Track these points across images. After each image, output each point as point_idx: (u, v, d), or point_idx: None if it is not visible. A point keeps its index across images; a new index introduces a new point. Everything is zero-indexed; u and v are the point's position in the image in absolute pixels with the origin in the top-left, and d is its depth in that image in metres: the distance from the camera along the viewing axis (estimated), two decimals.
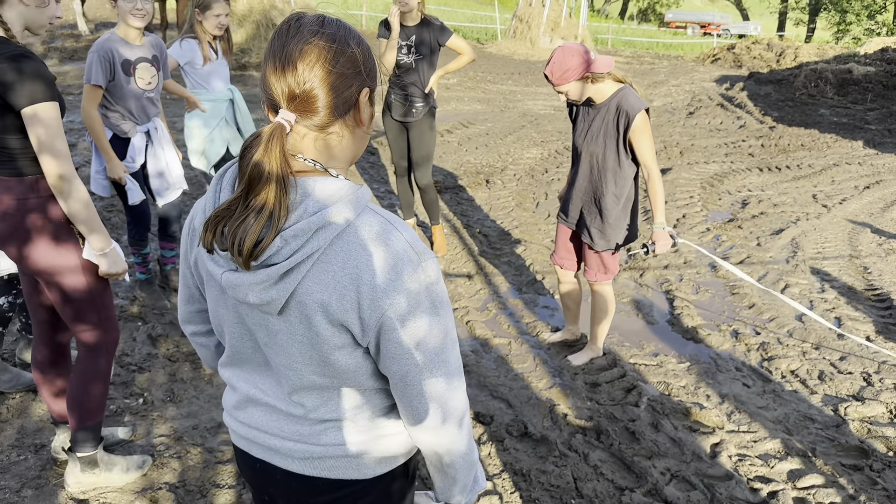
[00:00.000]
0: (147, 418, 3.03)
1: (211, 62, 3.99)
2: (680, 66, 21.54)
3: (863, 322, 4.36)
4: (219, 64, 4.06)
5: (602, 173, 3.25)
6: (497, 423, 3.14)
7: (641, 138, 3.12)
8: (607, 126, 3.18)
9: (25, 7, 2.09)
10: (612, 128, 3.17)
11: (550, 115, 11.20)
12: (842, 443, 3.13)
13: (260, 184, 1.06)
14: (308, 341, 1.14)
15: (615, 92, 3.16)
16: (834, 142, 10.21)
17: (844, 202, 7.06)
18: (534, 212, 6.26)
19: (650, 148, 3.15)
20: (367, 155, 7.77)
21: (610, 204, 3.27)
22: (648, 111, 3.13)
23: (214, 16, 3.86)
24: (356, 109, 1.14)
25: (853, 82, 14.28)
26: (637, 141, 3.13)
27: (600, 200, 3.28)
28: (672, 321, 4.31)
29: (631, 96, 3.12)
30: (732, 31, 43.34)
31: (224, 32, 4.05)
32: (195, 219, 1.24)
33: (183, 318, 1.41)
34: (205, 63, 3.95)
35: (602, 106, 3.20)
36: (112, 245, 2.31)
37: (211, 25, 3.88)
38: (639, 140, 3.12)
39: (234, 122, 4.21)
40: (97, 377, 2.43)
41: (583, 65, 3.05)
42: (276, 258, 1.07)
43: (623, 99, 3.12)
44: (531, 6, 21.92)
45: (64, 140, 2.11)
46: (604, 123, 3.19)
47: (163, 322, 3.80)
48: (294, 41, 1.09)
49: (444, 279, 4.71)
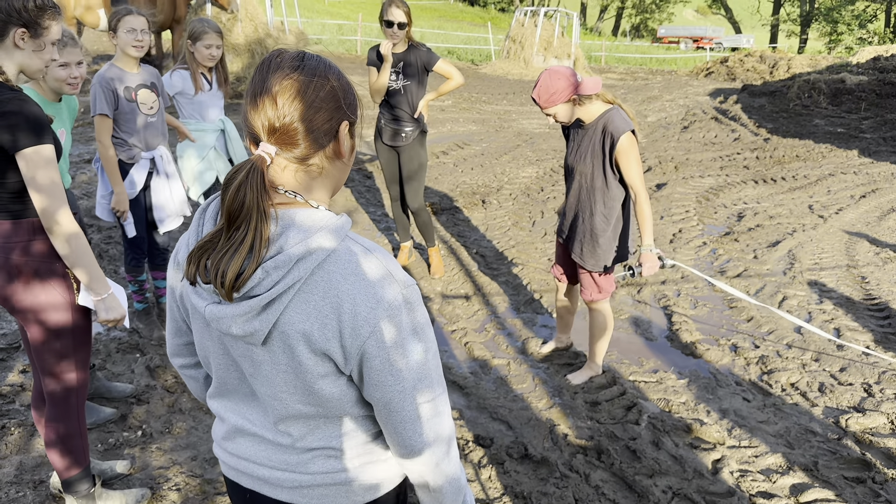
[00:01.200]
0: (146, 450, 3.02)
1: (203, 92, 4.02)
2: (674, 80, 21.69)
3: (862, 332, 4.35)
4: (212, 95, 4.10)
5: (591, 193, 3.28)
6: (497, 445, 3.13)
7: (627, 159, 3.14)
8: (594, 146, 3.21)
9: (20, 51, 2.08)
10: (598, 148, 3.20)
11: (545, 134, 11.26)
12: (844, 455, 3.11)
13: (241, 216, 1.08)
14: (292, 371, 1.15)
15: (603, 113, 3.20)
16: (829, 152, 10.25)
17: (841, 212, 7.08)
18: (530, 231, 6.28)
19: (637, 169, 3.17)
20: (363, 179, 7.81)
21: (599, 224, 3.28)
22: (635, 132, 3.15)
23: (205, 46, 3.91)
24: (336, 142, 1.16)
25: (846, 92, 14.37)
26: (623, 162, 3.15)
27: (590, 220, 3.30)
28: (671, 337, 4.30)
29: (617, 118, 3.15)
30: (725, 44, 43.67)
31: (219, 63, 4.10)
32: (179, 252, 1.26)
33: (171, 351, 1.42)
34: (196, 93, 3.99)
35: (590, 126, 3.23)
36: (110, 290, 2.29)
37: (202, 56, 3.92)
38: (625, 161, 3.15)
39: (225, 152, 4.24)
40: (74, 419, 2.40)
41: (569, 87, 3.09)
42: (258, 290, 1.09)
43: (609, 120, 3.15)
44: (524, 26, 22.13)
45: (57, 182, 2.09)
46: (591, 144, 3.23)
47: (160, 353, 3.81)
48: (275, 76, 1.11)
49: (442, 300, 4.72)
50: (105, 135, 3.46)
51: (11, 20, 2.03)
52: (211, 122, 4.12)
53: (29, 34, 2.07)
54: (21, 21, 2.04)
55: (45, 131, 2.07)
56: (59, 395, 2.37)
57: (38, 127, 2.04)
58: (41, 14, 2.08)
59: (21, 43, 2.06)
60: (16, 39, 2.05)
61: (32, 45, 2.10)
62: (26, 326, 2.27)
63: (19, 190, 2.12)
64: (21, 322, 2.28)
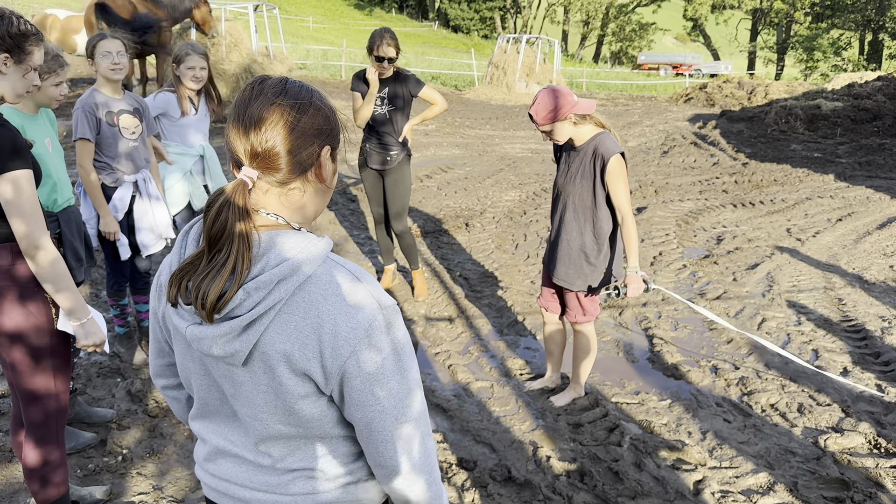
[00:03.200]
0: (126, 476, 2.99)
1: (188, 116, 4.03)
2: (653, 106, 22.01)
3: (839, 353, 4.41)
4: (197, 119, 4.10)
5: (578, 214, 3.32)
6: (480, 468, 3.13)
7: (616, 181, 3.19)
8: (584, 168, 3.26)
9: (2, 76, 2.08)
10: (588, 170, 3.24)
11: (528, 158, 11.37)
12: (823, 475, 3.14)
13: (223, 238, 1.10)
14: (272, 391, 1.16)
15: (594, 136, 3.25)
16: (806, 176, 10.44)
17: (818, 235, 7.20)
18: (513, 253, 6.32)
19: (624, 191, 3.22)
20: (347, 202, 7.83)
21: (588, 244, 3.32)
22: (624, 155, 3.21)
23: (188, 68, 3.93)
24: (318, 167, 1.19)
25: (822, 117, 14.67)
26: (611, 184, 3.20)
27: (578, 240, 3.33)
28: (652, 359, 4.34)
29: (608, 140, 3.21)
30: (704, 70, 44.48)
31: (209, 84, 4.11)
32: (163, 274, 1.27)
33: (154, 372, 1.43)
34: (181, 116, 4.00)
35: (581, 148, 3.28)
36: (90, 314, 2.28)
37: (186, 78, 3.94)
38: (613, 183, 3.19)
39: (202, 177, 4.22)
40: (54, 444, 2.38)
41: (566, 106, 3.14)
42: (238, 310, 1.10)
43: (600, 142, 3.21)
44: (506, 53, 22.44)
45: (36, 206, 2.08)
46: (581, 165, 3.27)
47: (142, 377, 3.78)
48: (257, 102, 1.14)
49: (426, 323, 4.73)
50: (87, 159, 3.45)
51: None
52: (192, 147, 4.12)
53: (12, 60, 2.08)
54: (4, 46, 2.05)
55: (24, 156, 2.06)
56: (38, 420, 2.34)
57: (16, 152, 2.03)
58: (24, 40, 2.09)
59: (4, 68, 2.07)
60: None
61: (15, 71, 2.10)
62: (5, 350, 2.24)
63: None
64: (1, 347, 2.25)
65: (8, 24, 2.05)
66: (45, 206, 2.69)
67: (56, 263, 2.13)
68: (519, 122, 16.21)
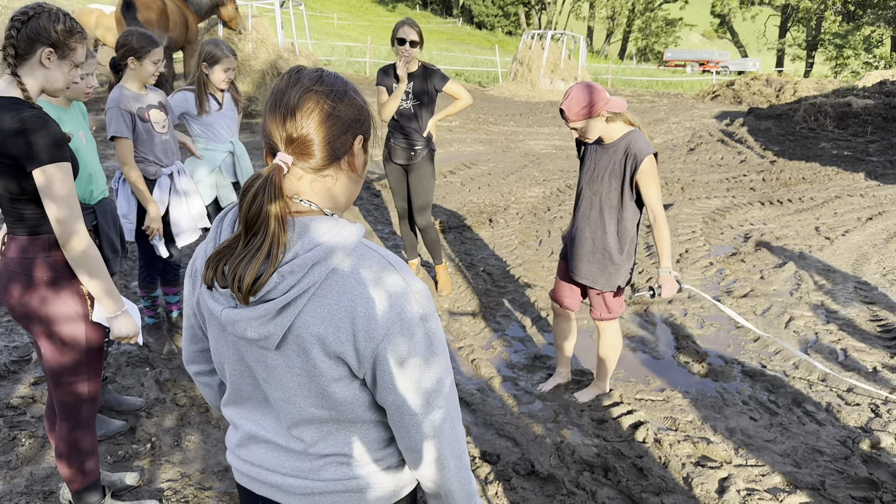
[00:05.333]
0: (155, 463, 3.04)
1: (208, 114, 4.06)
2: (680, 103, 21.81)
3: (868, 353, 4.35)
4: (223, 114, 4.14)
5: (603, 212, 3.28)
6: (504, 461, 3.14)
7: (649, 182, 3.16)
8: (614, 167, 3.21)
9: (45, 70, 2.13)
10: (618, 169, 3.19)
11: (552, 155, 11.33)
12: (851, 475, 3.10)
13: (258, 222, 1.12)
14: (306, 374, 1.18)
15: (625, 134, 3.20)
16: (835, 174, 10.28)
17: (847, 234, 7.09)
18: (537, 249, 6.31)
19: (657, 192, 3.18)
20: (372, 197, 7.87)
21: (612, 243, 3.29)
22: (657, 155, 3.17)
23: (223, 70, 3.97)
24: (350, 155, 1.21)
25: (853, 115, 14.42)
26: (644, 184, 3.16)
27: (602, 239, 3.30)
28: (677, 356, 4.31)
29: (640, 140, 3.16)
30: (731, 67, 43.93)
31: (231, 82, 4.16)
32: (197, 260, 1.29)
33: (187, 358, 1.45)
34: (200, 113, 4.02)
35: (610, 146, 3.23)
36: (124, 307, 2.31)
37: (218, 79, 3.99)
38: (646, 183, 3.16)
39: (232, 174, 4.25)
40: (85, 431, 2.43)
41: (600, 102, 3.09)
42: (273, 293, 1.12)
43: (633, 141, 3.16)
44: (531, 49, 22.34)
45: (72, 196, 2.12)
46: (610, 164, 3.22)
47: (170, 367, 3.84)
48: (294, 90, 1.17)
49: (449, 318, 4.74)
50: (128, 156, 3.51)
51: (40, 39, 2.08)
52: (222, 142, 4.16)
53: (56, 54, 2.12)
54: (49, 41, 2.09)
55: (63, 149, 2.10)
56: (70, 407, 2.39)
57: (57, 145, 2.08)
58: (69, 36, 2.14)
59: (47, 62, 2.11)
60: (42, 58, 2.10)
61: (57, 66, 2.14)
62: (39, 339, 2.29)
63: (36, 205, 2.16)
64: (35, 334, 2.30)
65: (55, 19, 2.10)
66: (82, 199, 2.74)
67: (89, 250, 2.17)
68: (543, 118, 16.15)
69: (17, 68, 2.10)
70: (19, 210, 2.16)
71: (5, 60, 2.09)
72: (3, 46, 2.08)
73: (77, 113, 2.88)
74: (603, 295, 3.42)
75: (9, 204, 2.16)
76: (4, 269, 2.24)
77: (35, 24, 2.07)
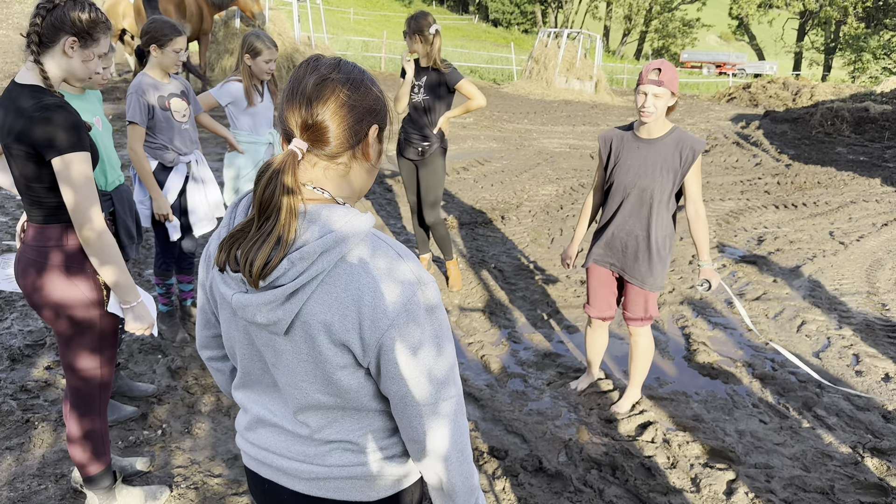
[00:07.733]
0: (165, 449, 3.07)
1: (255, 105, 4.10)
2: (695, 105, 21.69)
3: (881, 359, 4.32)
4: (263, 107, 4.17)
5: (651, 210, 3.20)
6: (511, 457, 3.14)
7: (698, 175, 3.19)
8: (666, 161, 3.16)
9: (68, 59, 2.13)
10: (672, 163, 3.15)
11: (565, 153, 11.30)
12: (860, 480, 3.09)
13: (271, 207, 1.13)
14: (312, 360, 1.19)
15: (671, 129, 3.21)
16: (851, 179, 10.20)
17: (862, 239, 7.03)
18: (549, 248, 6.30)
19: (700, 186, 3.22)
20: (384, 192, 7.88)
21: (660, 240, 3.24)
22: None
23: (265, 61, 4.00)
24: (365, 144, 1.22)
25: (870, 120, 14.30)
26: (694, 177, 3.18)
27: (650, 238, 3.23)
28: (688, 357, 4.30)
29: (688, 133, 3.20)
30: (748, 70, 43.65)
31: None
32: (211, 245, 1.31)
33: (200, 343, 1.47)
34: (249, 106, 4.06)
35: (658, 140, 3.19)
36: (140, 298, 2.31)
37: (260, 70, 4.01)
38: (696, 177, 3.18)
39: None
40: (97, 416, 2.45)
41: (677, 84, 3.16)
42: (282, 279, 1.13)
43: (684, 135, 3.17)
44: (547, 47, 22.28)
45: (90, 183, 2.13)
46: (661, 158, 3.17)
47: (182, 355, 3.87)
48: (311, 77, 1.18)
49: (460, 313, 4.75)
50: (137, 143, 3.53)
51: (64, 28, 2.09)
52: (260, 135, 4.20)
53: (79, 44, 2.14)
54: (74, 30, 2.10)
55: (83, 137, 2.12)
56: (82, 392, 2.42)
57: (77, 133, 2.09)
58: (94, 26, 2.15)
59: (70, 51, 2.12)
60: (65, 47, 2.11)
61: (81, 55, 2.15)
62: (54, 324, 2.31)
63: (54, 192, 2.18)
64: (49, 320, 2.32)
65: (80, 8, 2.11)
66: (99, 186, 2.76)
67: (103, 236, 2.18)
68: (557, 116, 16.11)
69: (40, 56, 2.11)
70: (36, 196, 2.18)
71: (29, 47, 2.11)
72: (28, 33, 2.09)
73: (93, 100, 2.90)
74: (646, 295, 3.36)
75: (25, 189, 2.18)
76: (22, 254, 2.26)
77: (60, 12, 2.08)
